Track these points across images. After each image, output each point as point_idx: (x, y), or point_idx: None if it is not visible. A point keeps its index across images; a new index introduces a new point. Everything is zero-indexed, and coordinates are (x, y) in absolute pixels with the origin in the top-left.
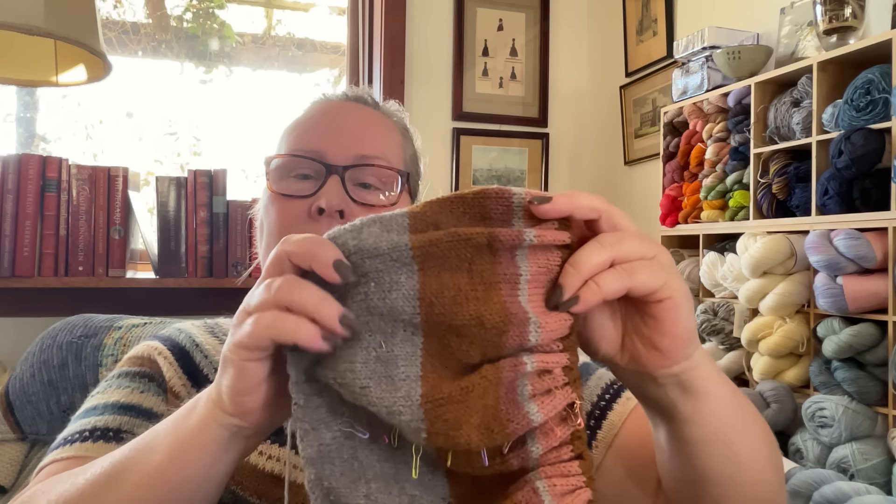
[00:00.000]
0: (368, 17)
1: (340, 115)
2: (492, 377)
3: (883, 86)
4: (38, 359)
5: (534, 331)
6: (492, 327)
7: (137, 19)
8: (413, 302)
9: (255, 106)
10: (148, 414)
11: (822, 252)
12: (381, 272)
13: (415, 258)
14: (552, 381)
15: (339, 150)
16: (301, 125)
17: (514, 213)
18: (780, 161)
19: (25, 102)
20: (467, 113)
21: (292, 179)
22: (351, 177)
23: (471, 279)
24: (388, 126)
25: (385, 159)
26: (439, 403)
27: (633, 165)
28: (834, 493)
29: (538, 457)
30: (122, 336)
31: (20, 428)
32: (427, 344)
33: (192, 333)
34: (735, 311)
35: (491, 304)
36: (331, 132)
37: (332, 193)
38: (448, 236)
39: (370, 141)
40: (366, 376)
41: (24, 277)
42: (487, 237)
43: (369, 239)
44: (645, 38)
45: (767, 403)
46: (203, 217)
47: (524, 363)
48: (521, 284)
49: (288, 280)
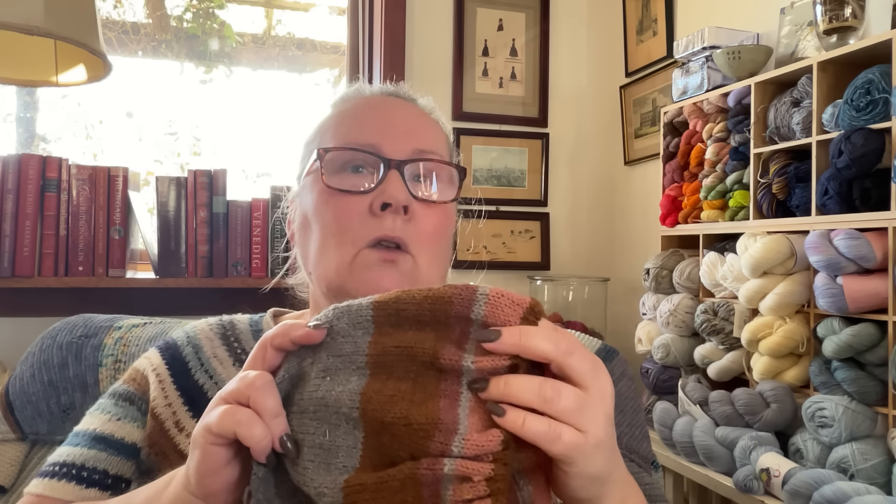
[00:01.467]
0: (368, 17)
1: (391, 109)
2: (408, 472)
3: (883, 86)
4: (38, 359)
5: (458, 441)
6: (418, 428)
7: (137, 19)
8: (355, 397)
9: (255, 106)
10: (118, 445)
11: (822, 252)
12: (339, 370)
13: (368, 365)
14: (473, 490)
15: (396, 143)
16: (349, 119)
17: (472, 322)
18: (780, 161)
19: (25, 102)
20: (467, 113)
21: (345, 175)
22: (410, 172)
23: (413, 388)
24: (434, 122)
25: (440, 154)
26: (356, 490)
27: (633, 165)
28: (834, 493)
29: None
30: (122, 336)
31: (20, 428)
32: (367, 439)
33: (201, 345)
34: (735, 311)
35: (422, 409)
36: (384, 126)
37: (398, 188)
38: (398, 350)
39: (424, 136)
40: (309, 459)
41: (24, 277)
42: (431, 357)
43: (338, 337)
44: (645, 38)
45: (767, 403)
46: (203, 217)
47: (443, 464)
48: (461, 401)
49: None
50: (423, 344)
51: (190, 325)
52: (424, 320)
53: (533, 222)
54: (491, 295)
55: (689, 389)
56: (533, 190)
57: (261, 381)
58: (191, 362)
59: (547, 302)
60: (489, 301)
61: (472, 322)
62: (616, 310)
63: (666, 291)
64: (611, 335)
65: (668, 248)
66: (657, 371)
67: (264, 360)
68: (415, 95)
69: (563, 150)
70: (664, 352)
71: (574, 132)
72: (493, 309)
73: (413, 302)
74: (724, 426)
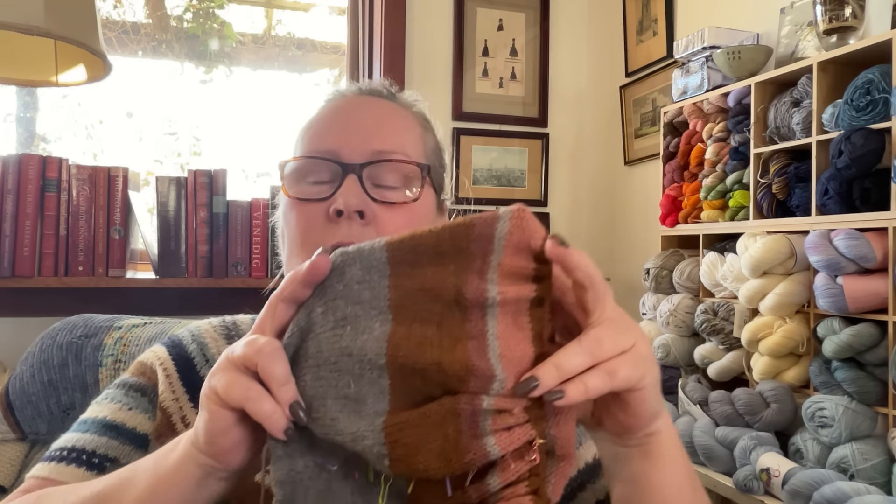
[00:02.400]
0: (368, 17)
1: (354, 111)
2: (448, 406)
3: (883, 86)
4: (38, 359)
5: (496, 386)
6: (453, 374)
7: (137, 19)
8: (381, 345)
9: (256, 106)
10: (129, 434)
11: (822, 252)
12: (359, 318)
13: (390, 309)
14: (513, 418)
15: (354, 147)
16: (314, 125)
17: (495, 241)
18: (780, 161)
19: (25, 102)
20: (467, 113)
21: (309, 183)
22: (369, 175)
23: (439, 332)
24: (406, 117)
25: (403, 153)
26: (399, 427)
27: (633, 165)
28: (834, 493)
29: (496, 491)
30: (122, 336)
31: (20, 428)
32: (393, 384)
33: (206, 343)
34: (735, 311)
35: (454, 355)
36: (344, 129)
37: (350, 193)
38: (420, 292)
39: (387, 135)
40: (336, 410)
41: (24, 277)
42: (455, 295)
43: (353, 284)
44: (645, 38)
45: (767, 403)
46: (203, 217)
47: (481, 400)
48: (489, 342)
49: (269, 352)
50: (445, 281)
51: (193, 325)
52: (444, 251)
53: None
54: (514, 213)
55: (689, 389)
56: (533, 190)
57: (269, 348)
58: (196, 358)
59: None
60: (513, 218)
61: (495, 242)
62: None
63: (666, 291)
64: None
65: (668, 248)
66: None
67: (273, 317)
68: (394, 90)
69: (563, 150)
70: (664, 352)
71: (574, 132)
72: (518, 224)
73: (431, 234)
74: (724, 426)
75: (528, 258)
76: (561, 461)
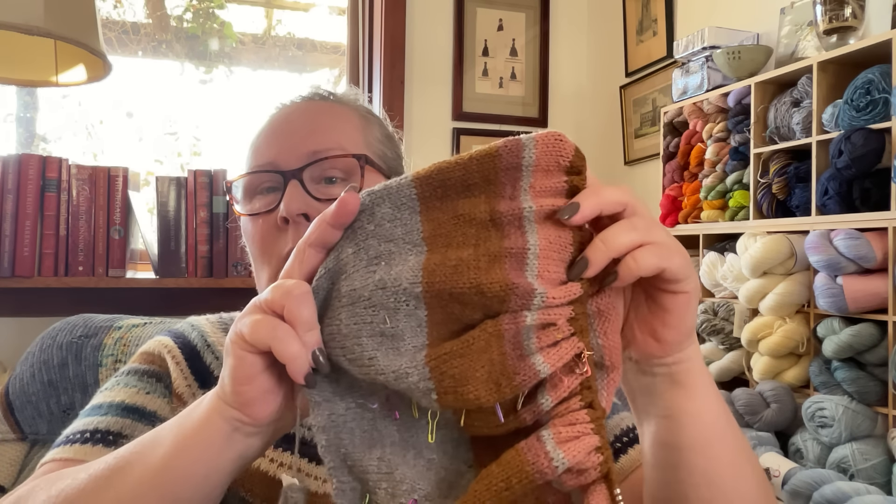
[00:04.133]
0: (368, 17)
1: (288, 119)
2: (491, 329)
3: (883, 86)
4: (38, 359)
5: (538, 299)
6: (492, 296)
7: (137, 19)
8: (417, 273)
9: (256, 106)
10: (151, 417)
11: (822, 252)
12: (393, 254)
13: (424, 241)
14: (557, 332)
15: (290, 153)
16: (255, 141)
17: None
18: (780, 161)
19: (25, 102)
20: (467, 113)
21: (258, 197)
22: (310, 176)
23: (476, 252)
24: (343, 114)
25: (340, 148)
26: (443, 360)
27: (633, 165)
28: (834, 493)
29: (549, 409)
30: (122, 336)
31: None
32: (431, 315)
33: (205, 332)
34: (735, 311)
35: (492, 275)
36: (279, 138)
37: (291, 199)
38: (453, 220)
39: (321, 135)
40: (373, 348)
41: (24, 277)
42: (490, 215)
43: (384, 223)
44: (645, 38)
45: (767, 403)
46: (203, 217)
47: (524, 316)
48: (528, 259)
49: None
50: (477, 208)
51: (190, 319)
52: (472, 182)
53: None
54: (538, 138)
55: None
56: None
57: (298, 290)
58: (199, 345)
59: None
60: (538, 143)
61: (523, 169)
62: None
63: None
64: None
65: None
66: None
67: (302, 263)
68: (332, 90)
69: None
70: None
71: (574, 132)
72: (544, 148)
73: (458, 166)
74: None
75: (560, 174)
76: (610, 371)
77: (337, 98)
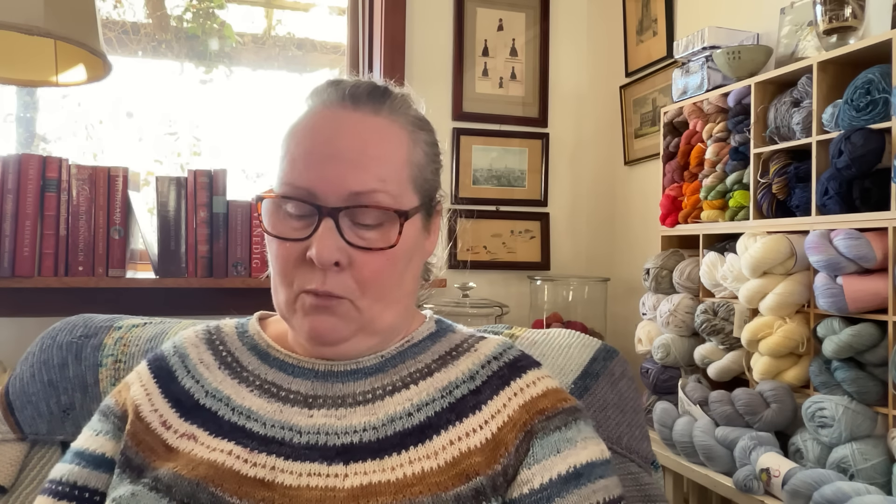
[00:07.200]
0: (368, 17)
1: (334, 138)
2: None
3: (883, 86)
4: (38, 359)
5: None
6: None
7: (137, 19)
8: None
9: (256, 106)
10: (97, 461)
11: (822, 252)
12: None
13: None
14: None
15: (331, 186)
16: (295, 145)
17: None
18: (780, 161)
19: (25, 102)
20: (467, 113)
21: (287, 215)
22: (346, 216)
23: None
24: (392, 135)
25: (384, 190)
26: None
27: (633, 165)
28: (834, 493)
29: None
30: (122, 336)
31: (20, 428)
32: None
33: (187, 353)
34: (735, 311)
35: None
36: (321, 163)
37: (324, 247)
38: None
39: (365, 171)
40: None
41: (24, 277)
42: None
43: None
44: (645, 38)
45: (767, 403)
46: (203, 217)
47: None
48: None
49: None
50: None
51: (179, 336)
52: None
53: (533, 222)
54: None
55: (689, 389)
56: (533, 190)
57: None
58: (177, 371)
59: (547, 302)
60: None
61: None
62: (616, 310)
63: (666, 291)
64: (611, 335)
65: (668, 248)
66: (657, 371)
67: None
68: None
69: (563, 150)
70: (664, 352)
71: (574, 132)
72: None
73: None
74: (724, 426)
75: None
76: None
77: (391, 105)
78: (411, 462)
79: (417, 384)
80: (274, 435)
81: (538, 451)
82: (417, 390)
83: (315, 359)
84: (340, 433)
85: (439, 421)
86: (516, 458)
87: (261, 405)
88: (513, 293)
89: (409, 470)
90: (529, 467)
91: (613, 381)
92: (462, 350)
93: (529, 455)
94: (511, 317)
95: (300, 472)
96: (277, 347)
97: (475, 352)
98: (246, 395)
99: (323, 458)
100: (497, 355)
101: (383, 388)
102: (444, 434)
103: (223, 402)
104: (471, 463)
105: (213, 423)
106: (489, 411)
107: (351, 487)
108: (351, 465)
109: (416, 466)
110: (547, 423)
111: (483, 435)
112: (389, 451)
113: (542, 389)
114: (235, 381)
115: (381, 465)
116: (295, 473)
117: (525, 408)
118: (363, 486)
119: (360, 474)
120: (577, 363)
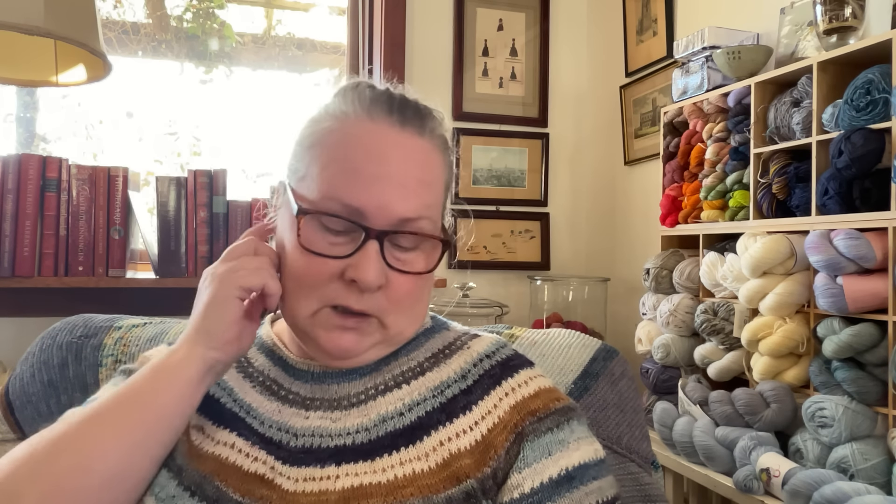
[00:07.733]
0: (368, 17)
1: (384, 158)
2: None
3: (883, 86)
4: (38, 359)
5: None
6: None
7: (137, 19)
8: None
9: (256, 106)
10: None
11: (822, 252)
12: None
13: None
14: None
15: (381, 210)
16: (335, 159)
17: None
18: (780, 161)
19: (25, 102)
20: (467, 113)
21: (322, 228)
22: (389, 239)
23: None
24: (434, 160)
25: (428, 216)
26: None
27: (633, 165)
28: (834, 493)
29: None
30: (122, 336)
31: (20, 428)
32: None
33: None
34: (735, 311)
35: None
36: (370, 182)
37: (371, 268)
38: None
39: (414, 198)
40: None
41: (24, 277)
42: None
43: None
44: (645, 38)
45: (767, 403)
46: (203, 217)
47: None
48: None
49: None
50: None
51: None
52: None
53: (533, 222)
54: None
55: (689, 389)
56: (533, 190)
57: None
58: None
59: (547, 302)
60: None
61: None
62: (616, 310)
63: (666, 291)
64: (611, 335)
65: (668, 248)
66: (657, 371)
67: None
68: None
69: (563, 150)
70: (664, 352)
71: (574, 132)
72: None
73: None
74: (724, 426)
75: None
76: None
77: (432, 126)
78: (402, 463)
79: (409, 383)
80: (271, 436)
81: (529, 454)
82: (409, 389)
83: (312, 360)
84: (334, 435)
85: (430, 421)
86: (506, 462)
87: (261, 402)
88: (513, 293)
89: (400, 471)
90: (520, 471)
91: (613, 381)
92: (455, 348)
93: (520, 458)
94: (511, 317)
95: (296, 478)
96: (281, 346)
97: (468, 350)
98: (248, 391)
99: (317, 461)
100: (490, 353)
101: (376, 387)
102: (435, 435)
103: (227, 391)
104: (461, 465)
105: (215, 412)
106: (480, 412)
107: (342, 489)
108: (343, 466)
109: (408, 468)
110: (538, 424)
111: (473, 436)
112: (381, 451)
113: (534, 389)
114: (241, 375)
115: (373, 466)
116: (292, 479)
117: (516, 409)
118: (354, 488)
119: (351, 475)
120: (577, 363)
